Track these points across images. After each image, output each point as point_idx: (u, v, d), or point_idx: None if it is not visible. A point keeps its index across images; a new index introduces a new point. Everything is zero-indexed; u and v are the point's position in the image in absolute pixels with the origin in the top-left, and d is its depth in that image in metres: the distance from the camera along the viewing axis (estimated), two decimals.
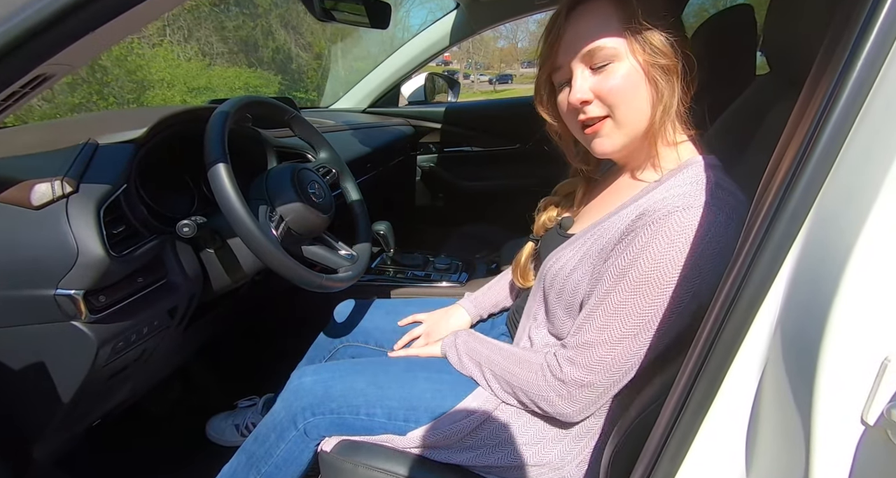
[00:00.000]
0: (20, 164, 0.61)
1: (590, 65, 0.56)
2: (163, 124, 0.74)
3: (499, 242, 1.48)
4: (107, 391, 0.70)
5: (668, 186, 0.56)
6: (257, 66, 11.44)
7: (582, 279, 0.59)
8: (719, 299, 0.36)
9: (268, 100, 0.85)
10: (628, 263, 0.53)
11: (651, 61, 0.54)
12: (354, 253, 0.90)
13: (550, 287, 0.63)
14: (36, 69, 0.47)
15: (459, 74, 34.92)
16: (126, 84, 8.81)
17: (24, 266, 0.55)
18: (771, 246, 0.32)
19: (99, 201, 0.59)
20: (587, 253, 0.60)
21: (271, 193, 0.78)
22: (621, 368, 0.54)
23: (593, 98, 0.56)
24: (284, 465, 0.67)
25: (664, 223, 0.51)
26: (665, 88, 0.54)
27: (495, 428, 0.61)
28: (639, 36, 0.54)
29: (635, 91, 0.55)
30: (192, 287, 0.75)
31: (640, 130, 0.57)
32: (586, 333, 0.55)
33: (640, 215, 0.54)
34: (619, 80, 0.55)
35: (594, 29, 0.55)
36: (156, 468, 1.01)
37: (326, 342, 0.94)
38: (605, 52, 0.54)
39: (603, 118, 0.56)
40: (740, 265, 0.34)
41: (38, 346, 0.58)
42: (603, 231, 0.59)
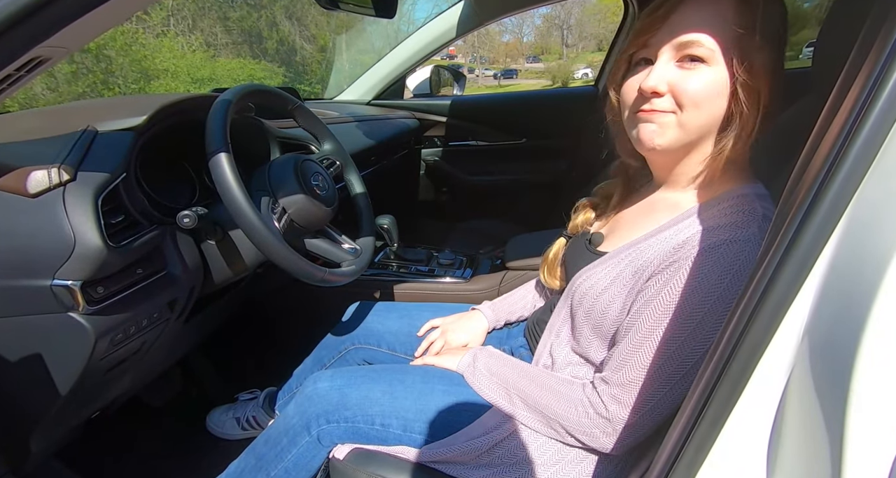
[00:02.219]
0: (17, 150, 0.59)
1: (680, 56, 0.52)
2: (164, 112, 0.72)
3: (503, 237, 1.47)
4: (105, 384, 0.69)
5: (713, 213, 0.53)
6: (261, 57, 11.39)
7: (613, 301, 0.57)
8: (741, 304, 0.34)
9: (271, 89, 0.83)
10: (674, 299, 0.50)
11: (744, 81, 0.50)
12: (358, 247, 0.89)
13: (579, 305, 0.61)
14: (31, 52, 0.46)
15: (464, 69, 34.73)
16: (130, 74, 8.80)
17: (20, 255, 0.53)
18: (800, 250, 0.31)
19: (97, 190, 0.57)
20: (620, 274, 0.57)
21: (274, 184, 0.76)
22: (670, 406, 0.52)
23: (667, 92, 0.52)
24: (294, 470, 0.66)
25: (710, 256, 0.49)
26: (746, 112, 0.51)
27: (513, 447, 0.60)
28: (746, 49, 0.50)
29: (714, 102, 0.52)
30: (193, 279, 0.74)
31: (699, 140, 0.54)
32: (631, 370, 0.53)
33: (682, 244, 0.52)
34: (702, 85, 0.51)
35: (704, 21, 0.51)
36: (155, 460, 1.00)
37: (336, 343, 0.92)
38: (703, 50, 0.50)
39: (668, 111, 0.53)
40: (765, 268, 0.33)
41: (35, 337, 0.57)
42: (639, 253, 0.57)
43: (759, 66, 0.50)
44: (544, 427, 0.59)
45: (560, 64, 30.74)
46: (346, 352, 0.91)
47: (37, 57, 0.47)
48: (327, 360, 0.93)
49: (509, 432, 0.60)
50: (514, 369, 0.64)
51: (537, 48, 41.21)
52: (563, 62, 32.29)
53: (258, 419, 1.06)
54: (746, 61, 0.50)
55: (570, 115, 1.72)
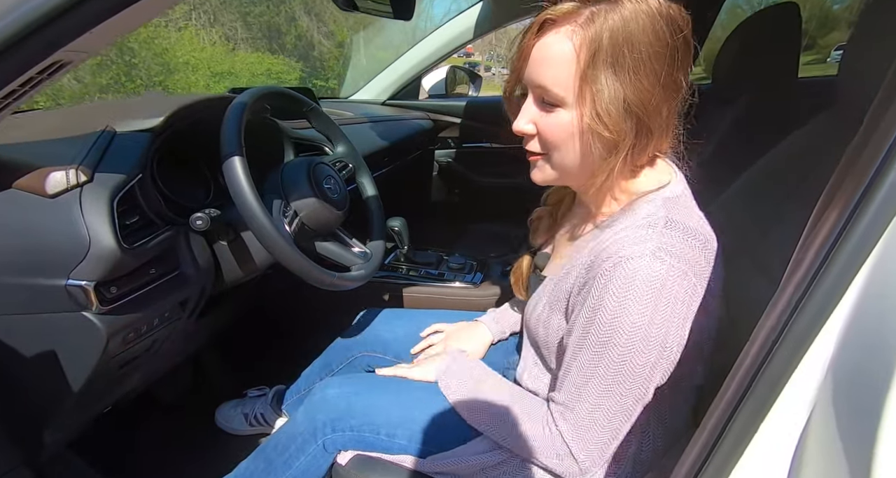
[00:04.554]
0: (38, 150, 0.60)
1: (537, 98, 0.50)
2: (180, 113, 0.73)
3: (513, 240, 1.46)
4: (117, 380, 0.70)
5: (616, 228, 0.52)
6: (280, 52, 11.49)
7: (560, 325, 0.57)
8: (761, 333, 0.33)
9: (286, 91, 0.83)
10: (588, 319, 0.50)
11: (592, 126, 0.47)
12: (368, 251, 0.89)
13: (535, 334, 0.61)
14: (52, 56, 0.46)
15: (481, 67, 34.51)
16: (152, 66, 8.97)
17: (36, 255, 0.55)
18: (826, 283, 0.29)
19: (113, 192, 0.58)
20: (553, 299, 0.58)
21: (286, 187, 0.76)
22: (609, 425, 0.52)
23: (535, 133, 0.51)
24: (302, 477, 0.67)
25: (612, 278, 0.48)
26: (604, 152, 0.49)
27: (520, 463, 0.59)
28: (591, 92, 0.46)
29: (572, 143, 0.50)
30: (204, 279, 0.75)
31: (575, 172, 0.53)
32: (565, 392, 0.53)
33: (591, 264, 0.51)
34: (555, 128, 0.49)
35: (553, 63, 0.48)
36: (164, 453, 1.02)
37: (344, 349, 0.93)
38: (554, 95, 0.48)
39: (539, 155, 0.53)
40: (790, 296, 0.31)
41: (49, 334, 0.58)
42: (565, 275, 0.56)
43: (606, 108, 0.46)
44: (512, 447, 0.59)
45: None
46: (353, 359, 0.91)
47: (58, 61, 0.48)
48: (335, 365, 0.93)
49: None
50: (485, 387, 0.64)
51: None
52: None
53: (266, 417, 1.07)
54: (594, 106, 0.47)
55: None
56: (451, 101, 1.81)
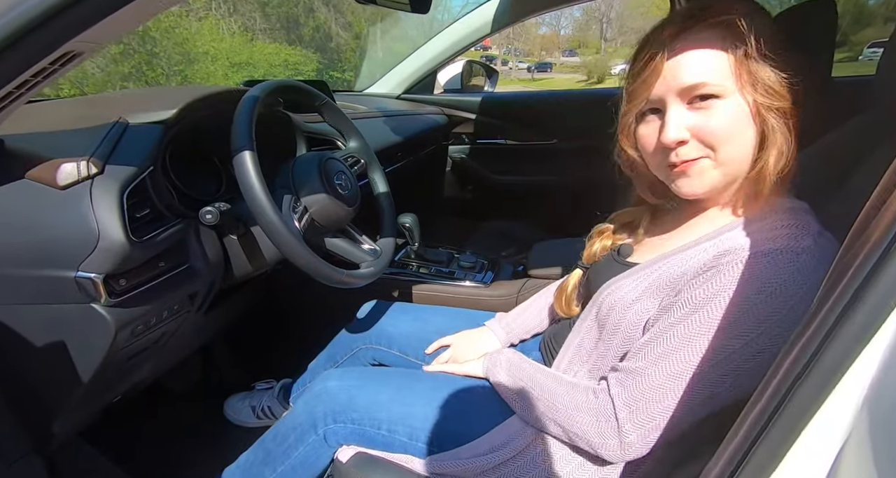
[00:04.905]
0: (51, 140, 0.60)
1: (688, 99, 0.49)
2: (193, 106, 0.73)
3: (526, 240, 1.43)
4: (126, 371, 0.70)
5: (761, 226, 0.50)
6: (297, 43, 11.55)
7: (644, 312, 0.54)
8: (791, 353, 0.31)
9: (299, 85, 0.82)
10: (706, 298, 0.47)
11: (765, 102, 0.47)
12: (378, 248, 0.88)
13: (606, 318, 0.57)
14: (64, 46, 0.46)
15: (498, 60, 34.31)
16: (173, 56, 9.10)
17: (47, 246, 0.55)
18: (863, 309, 0.27)
19: (123, 184, 0.58)
20: (654, 285, 0.54)
21: (297, 182, 0.75)
22: (672, 406, 0.49)
23: (690, 138, 0.49)
24: (301, 467, 0.66)
25: (755, 265, 0.45)
26: (779, 132, 0.48)
27: (519, 467, 0.57)
28: (752, 72, 0.48)
29: (742, 132, 0.49)
30: (214, 273, 0.74)
31: (740, 172, 0.51)
32: (643, 359, 0.50)
33: (725, 252, 0.49)
34: (724, 120, 0.48)
35: (699, 60, 0.48)
36: (173, 442, 1.03)
37: (348, 341, 0.93)
38: (710, 88, 0.48)
39: (701, 158, 0.50)
40: (822, 319, 0.29)
41: (59, 325, 0.58)
42: (676, 262, 0.53)
43: (772, 81, 0.48)
44: (550, 421, 0.57)
45: (597, 58, 29.84)
46: (357, 351, 0.91)
47: (70, 51, 0.47)
48: (339, 357, 0.93)
49: (517, 451, 0.58)
50: (532, 365, 0.63)
51: (574, 42, 40.19)
52: (601, 57, 31.32)
53: (273, 409, 1.08)
54: (758, 83, 0.47)
55: (604, 116, 1.65)
56: (466, 96, 1.79)
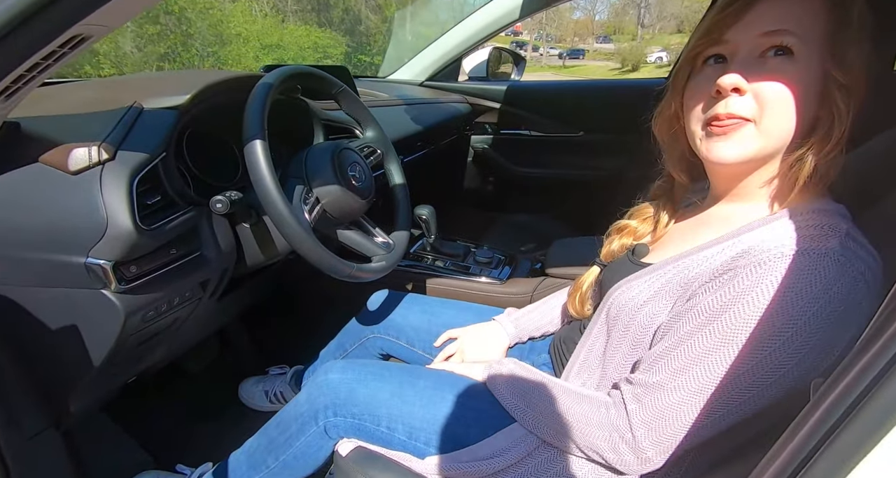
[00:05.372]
0: (65, 124, 0.60)
1: (763, 49, 0.45)
2: (208, 91, 0.71)
3: (546, 236, 1.39)
4: (138, 356, 0.71)
5: (782, 223, 0.46)
6: (327, 25, 11.55)
7: (656, 314, 0.51)
8: (842, 382, 0.27)
9: (315, 71, 0.80)
10: (723, 306, 0.44)
11: (839, 77, 0.43)
12: (391, 241, 0.86)
13: (615, 319, 0.55)
14: (72, 29, 0.45)
15: (528, 46, 33.47)
16: (207, 37, 9.27)
17: (58, 231, 0.55)
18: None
19: (133, 171, 0.57)
20: (666, 286, 0.51)
21: (310, 172, 0.74)
22: (692, 424, 0.46)
23: (749, 88, 0.45)
24: (302, 457, 0.67)
25: (776, 267, 0.42)
26: (837, 112, 0.44)
27: (522, 475, 0.55)
28: (840, 42, 0.44)
29: (802, 102, 0.45)
30: (226, 261, 0.74)
31: (777, 151, 0.47)
32: (659, 372, 0.47)
33: (744, 252, 0.45)
34: (791, 81, 0.44)
35: (792, 11, 0.45)
36: (189, 422, 1.06)
37: (358, 330, 0.92)
38: (792, 39, 0.44)
39: (743, 121, 0.46)
40: (883, 344, 0.25)
41: (70, 309, 0.59)
42: (690, 264, 0.50)
43: (855, 62, 0.43)
44: (560, 438, 0.54)
45: (632, 46, 28.68)
46: (366, 340, 0.91)
47: (78, 34, 0.46)
48: (349, 346, 0.93)
49: (519, 458, 0.56)
50: (536, 375, 0.60)
51: (610, 27, 38.75)
52: (637, 44, 30.10)
53: (285, 395, 1.09)
54: (841, 56, 0.43)
55: (634, 109, 1.56)
56: (491, 84, 1.73)
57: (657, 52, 27.01)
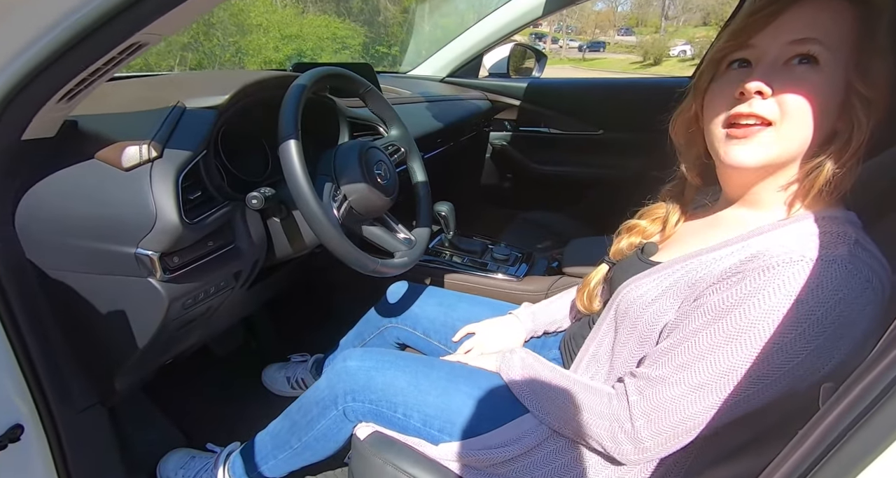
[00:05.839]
0: (117, 123, 0.64)
1: (789, 57, 0.46)
2: (244, 91, 0.75)
3: (564, 234, 1.41)
4: (177, 339, 0.76)
5: (793, 229, 0.47)
6: (346, 16, 11.54)
7: (663, 312, 0.53)
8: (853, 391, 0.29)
9: (345, 73, 0.83)
10: (732, 305, 0.46)
11: (861, 89, 0.44)
12: (412, 238, 0.89)
13: (623, 317, 0.57)
14: (131, 38, 0.49)
15: (548, 38, 32.87)
16: (228, 26, 9.36)
17: (111, 223, 0.59)
18: None
19: (179, 168, 0.61)
20: (674, 285, 0.53)
21: (338, 170, 0.77)
22: (691, 418, 0.48)
23: (772, 94, 0.46)
24: (323, 438, 0.71)
25: (784, 271, 0.43)
26: (857, 123, 0.45)
27: (529, 464, 0.58)
28: (866, 54, 0.45)
29: (822, 111, 0.46)
30: (257, 253, 0.78)
31: (796, 153, 0.48)
32: (662, 367, 0.49)
33: (753, 256, 0.47)
34: (815, 89, 0.45)
35: (821, 21, 0.46)
36: (217, 402, 1.12)
37: (376, 319, 0.96)
38: (819, 48, 0.45)
39: (764, 124, 0.47)
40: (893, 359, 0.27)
41: (121, 295, 0.64)
42: (698, 265, 0.52)
43: (879, 75, 0.44)
44: (564, 425, 0.57)
45: (655, 38, 27.94)
46: (384, 330, 0.95)
47: (136, 42, 0.50)
48: (367, 335, 0.97)
49: (529, 448, 0.59)
50: (546, 365, 0.63)
51: (632, 19, 37.81)
52: (660, 36, 29.31)
53: (306, 381, 1.14)
54: (865, 68, 0.44)
55: (655, 108, 1.56)
56: (511, 81, 1.74)
57: (681, 44, 26.29)
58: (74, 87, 0.52)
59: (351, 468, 0.69)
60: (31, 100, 0.50)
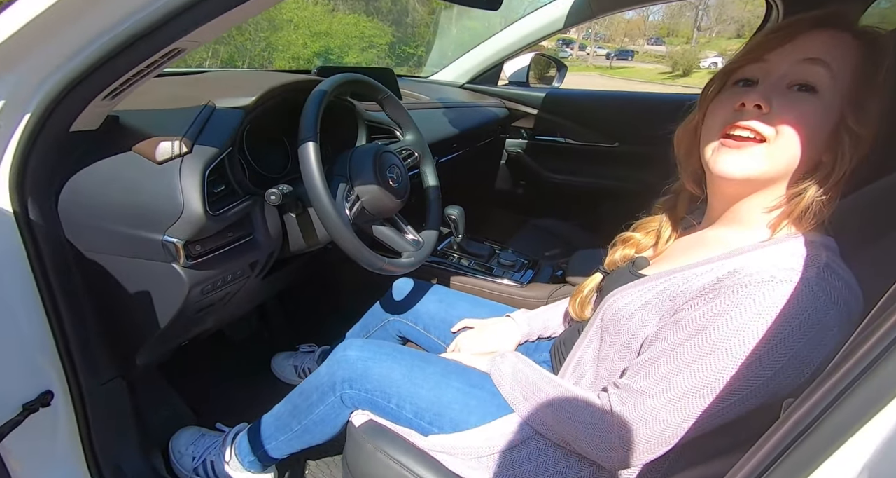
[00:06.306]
0: (153, 118, 0.70)
1: (792, 81, 0.49)
2: (270, 93, 0.80)
3: (571, 243, 1.42)
4: (194, 322, 0.81)
5: (769, 251, 0.50)
6: (375, 15, 11.68)
7: (645, 323, 0.55)
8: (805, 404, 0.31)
9: (365, 79, 0.87)
10: (706, 322, 0.48)
11: (851, 122, 0.47)
12: (420, 239, 0.93)
13: (608, 325, 0.59)
14: (173, 44, 0.54)
15: (575, 44, 32.54)
16: (261, 21, 9.57)
17: (142, 211, 0.64)
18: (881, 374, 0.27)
19: (206, 163, 0.66)
20: (656, 298, 0.56)
21: (353, 171, 0.81)
22: (670, 429, 0.50)
23: (770, 111, 0.49)
24: (321, 423, 0.75)
25: (755, 291, 0.46)
26: (841, 155, 0.48)
27: (515, 459, 0.61)
28: (861, 89, 0.47)
29: (809, 137, 0.48)
30: (273, 245, 0.83)
31: (779, 178, 0.51)
32: (644, 379, 0.52)
33: (729, 274, 0.49)
34: (808, 114, 0.48)
35: (829, 50, 0.49)
36: (226, 384, 1.18)
37: (380, 313, 1.00)
38: (822, 77, 0.48)
39: (758, 140, 0.50)
40: (833, 383, 0.29)
41: (146, 277, 0.69)
42: (680, 279, 0.55)
43: (872, 113, 0.47)
44: (548, 430, 0.59)
45: (686, 49, 27.43)
46: (387, 323, 0.99)
47: (177, 48, 0.55)
48: (371, 327, 1.02)
49: (513, 445, 0.61)
50: (536, 372, 0.65)
51: (663, 29, 37.19)
52: (691, 48, 28.75)
53: (312, 371, 1.19)
54: (860, 104, 0.47)
55: (674, 123, 1.57)
56: (529, 90, 1.77)
57: (712, 56, 25.77)
58: (119, 86, 0.58)
59: (345, 453, 0.73)
60: (83, 96, 0.56)
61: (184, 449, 0.93)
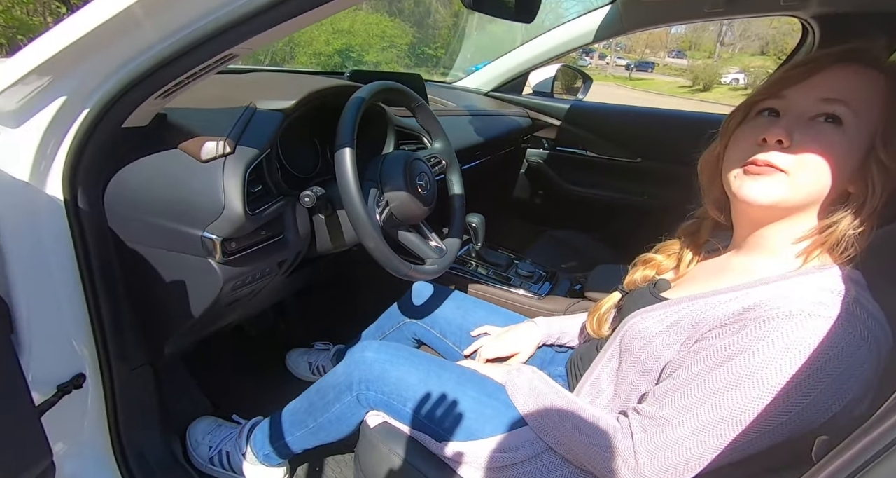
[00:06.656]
0: (198, 118, 0.72)
1: (816, 113, 0.49)
2: (309, 97, 0.82)
3: (590, 256, 1.42)
4: (221, 315, 0.84)
5: (795, 283, 0.50)
6: (397, 15, 11.76)
7: (666, 347, 0.56)
8: (846, 454, 0.31)
9: (400, 87, 0.89)
10: (733, 352, 0.48)
11: (881, 154, 0.47)
12: (444, 247, 0.94)
13: (628, 346, 0.60)
14: (227, 50, 0.56)
15: (595, 53, 32.38)
16: None
17: (186, 207, 0.67)
18: None
19: (247, 164, 0.68)
20: (678, 322, 0.56)
21: (384, 177, 0.83)
22: (692, 459, 0.50)
23: (791, 144, 0.49)
24: (337, 421, 0.76)
25: (783, 324, 0.46)
26: (872, 188, 0.47)
27: (527, 473, 0.61)
28: (891, 123, 0.48)
29: (836, 169, 0.48)
30: (301, 245, 0.85)
31: (805, 207, 0.51)
32: (667, 407, 0.52)
33: (755, 305, 0.49)
34: (832, 147, 0.48)
35: (855, 86, 0.49)
36: (243, 377, 1.20)
37: (396, 314, 1.02)
38: (846, 111, 0.48)
39: (777, 170, 0.50)
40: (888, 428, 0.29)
41: (183, 271, 0.71)
42: (703, 306, 0.55)
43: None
44: (565, 450, 0.59)
45: (707, 64, 27.15)
46: (402, 325, 1.00)
47: (229, 53, 0.57)
48: (387, 328, 1.03)
49: (526, 458, 0.62)
50: (552, 389, 0.65)
51: (685, 42, 36.88)
52: (713, 62, 28.46)
53: (326, 369, 1.21)
54: (890, 137, 0.46)
55: (697, 141, 1.56)
56: (553, 101, 1.77)
57: (734, 72, 25.50)
58: (172, 86, 0.60)
59: (357, 453, 0.74)
60: (139, 95, 0.58)
61: (200, 438, 0.95)
